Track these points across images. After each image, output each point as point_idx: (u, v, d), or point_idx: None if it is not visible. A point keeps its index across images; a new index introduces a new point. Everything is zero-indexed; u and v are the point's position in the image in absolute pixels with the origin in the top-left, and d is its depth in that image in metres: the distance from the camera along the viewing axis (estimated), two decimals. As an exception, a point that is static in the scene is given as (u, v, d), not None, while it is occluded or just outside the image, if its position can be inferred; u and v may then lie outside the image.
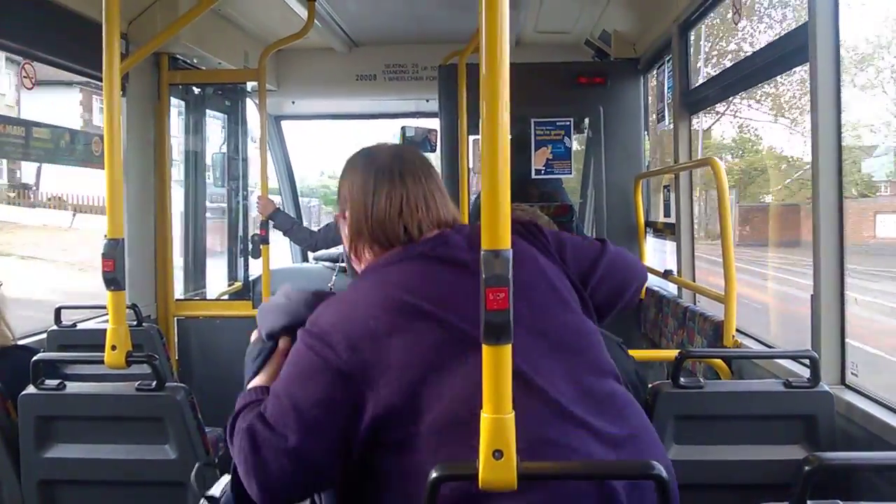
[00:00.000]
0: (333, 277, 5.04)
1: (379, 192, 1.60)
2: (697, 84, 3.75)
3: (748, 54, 3.04)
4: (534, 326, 1.44)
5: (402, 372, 1.34)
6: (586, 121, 4.76)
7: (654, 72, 4.37)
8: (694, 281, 3.80)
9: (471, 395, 1.25)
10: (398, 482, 1.35)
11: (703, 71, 4.68)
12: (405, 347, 1.35)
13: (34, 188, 15.53)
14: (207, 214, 4.72)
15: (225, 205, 4.90)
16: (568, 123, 4.49)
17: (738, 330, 2.92)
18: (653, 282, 4.36)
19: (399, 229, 1.57)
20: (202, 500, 1.75)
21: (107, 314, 2.06)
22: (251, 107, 4.94)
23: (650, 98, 4.66)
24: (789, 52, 2.58)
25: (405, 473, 1.33)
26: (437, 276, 1.48)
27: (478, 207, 1.86)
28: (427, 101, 5.49)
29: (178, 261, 4.20)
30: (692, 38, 3.80)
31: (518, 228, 1.61)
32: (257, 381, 1.53)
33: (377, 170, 1.62)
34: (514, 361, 1.19)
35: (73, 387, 2.04)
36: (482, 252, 1.18)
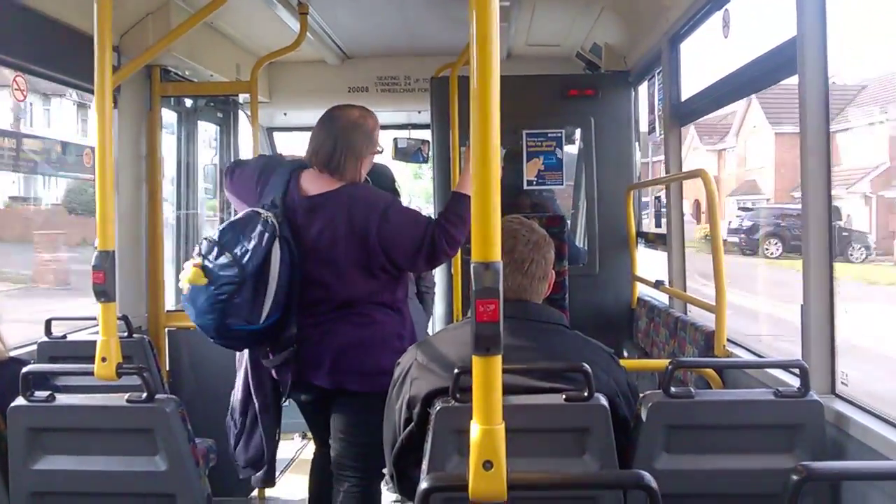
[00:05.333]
0: None
1: (313, 135, 2.67)
2: (688, 96, 3.78)
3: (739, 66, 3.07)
4: None
5: None
6: (577, 132, 4.78)
7: (645, 84, 4.40)
8: (685, 291, 3.81)
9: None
10: None
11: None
12: None
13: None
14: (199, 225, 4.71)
15: (216, 216, 4.89)
16: (559, 135, 4.50)
17: (728, 339, 2.93)
18: (644, 291, 4.38)
19: (308, 162, 2.65)
20: None
21: (97, 325, 2.05)
22: (243, 118, 4.94)
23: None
24: (778, 64, 2.60)
25: None
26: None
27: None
28: (419, 112, 5.50)
29: (169, 272, 4.18)
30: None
31: None
32: None
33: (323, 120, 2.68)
34: None
35: (63, 398, 2.03)
36: (472, 264, 1.19)
